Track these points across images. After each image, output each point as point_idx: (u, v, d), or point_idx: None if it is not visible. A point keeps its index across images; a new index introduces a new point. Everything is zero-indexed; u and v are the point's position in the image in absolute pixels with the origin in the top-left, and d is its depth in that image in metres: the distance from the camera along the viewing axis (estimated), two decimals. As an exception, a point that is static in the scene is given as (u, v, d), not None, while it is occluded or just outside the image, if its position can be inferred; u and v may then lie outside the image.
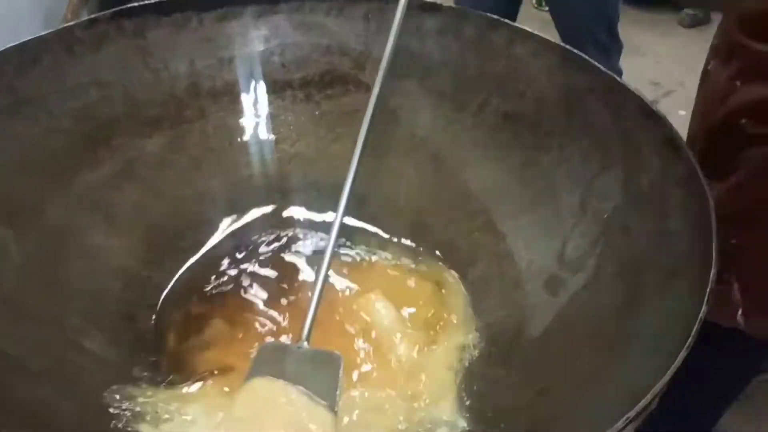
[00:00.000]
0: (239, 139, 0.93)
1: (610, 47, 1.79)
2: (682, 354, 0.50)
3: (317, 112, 0.94)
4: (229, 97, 0.93)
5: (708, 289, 0.55)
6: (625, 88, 0.75)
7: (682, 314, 0.56)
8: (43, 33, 0.82)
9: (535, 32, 0.84)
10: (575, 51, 0.80)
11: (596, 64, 0.78)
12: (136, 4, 0.88)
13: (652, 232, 0.68)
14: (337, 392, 0.66)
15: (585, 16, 1.72)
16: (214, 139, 0.92)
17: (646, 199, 0.70)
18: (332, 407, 0.64)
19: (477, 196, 0.87)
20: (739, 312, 0.79)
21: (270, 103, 0.94)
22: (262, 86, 0.94)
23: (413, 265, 0.85)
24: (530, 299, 0.76)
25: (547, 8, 2.02)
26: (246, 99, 0.94)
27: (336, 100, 0.95)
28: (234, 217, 0.90)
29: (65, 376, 0.67)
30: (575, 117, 0.80)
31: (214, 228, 0.88)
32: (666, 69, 2.55)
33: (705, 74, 0.84)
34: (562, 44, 0.82)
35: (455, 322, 0.79)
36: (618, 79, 0.77)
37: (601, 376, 0.59)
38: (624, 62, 1.88)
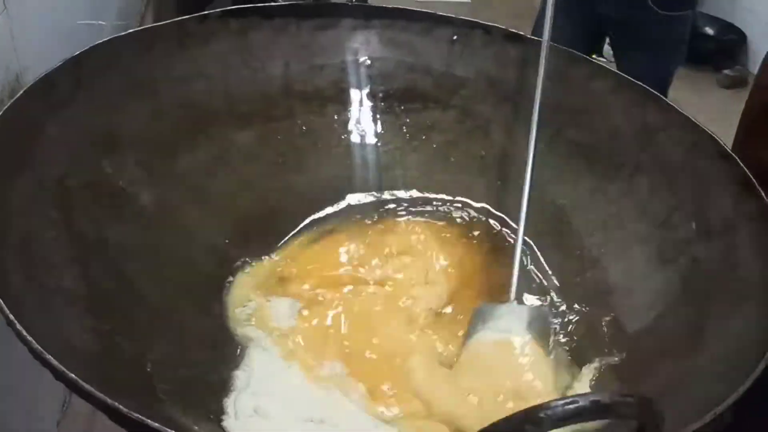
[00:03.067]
0: (322, 141, 0.98)
1: None
2: (761, 366, 0.54)
3: (398, 123, 1.00)
4: (317, 101, 0.99)
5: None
6: (701, 129, 0.81)
7: (753, 337, 0.60)
8: (156, 24, 0.89)
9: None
10: (654, 92, 0.86)
11: (674, 105, 0.84)
12: (237, 6, 0.95)
13: (721, 263, 0.73)
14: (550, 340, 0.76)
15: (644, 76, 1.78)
16: (299, 138, 0.97)
17: (716, 232, 0.75)
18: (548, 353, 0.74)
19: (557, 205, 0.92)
20: None
21: (354, 111, 1.00)
22: (347, 95, 1.00)
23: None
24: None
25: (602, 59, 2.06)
26: (332, 105, 0.99)
27: (415, 114, 1.00)
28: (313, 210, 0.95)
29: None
30: (647, 152, 0.86)
31: (296, 220, 0.93)
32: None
33: None
34: (641, 84, 0.87)
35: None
36: (695, 120, 0.82)
37: (675, 387, 0.64)
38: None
